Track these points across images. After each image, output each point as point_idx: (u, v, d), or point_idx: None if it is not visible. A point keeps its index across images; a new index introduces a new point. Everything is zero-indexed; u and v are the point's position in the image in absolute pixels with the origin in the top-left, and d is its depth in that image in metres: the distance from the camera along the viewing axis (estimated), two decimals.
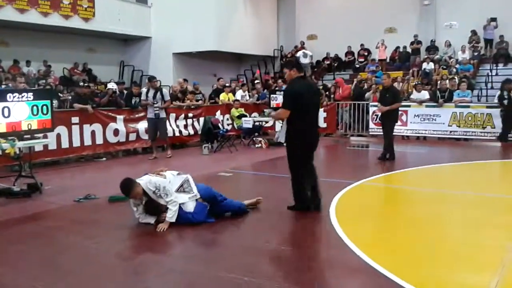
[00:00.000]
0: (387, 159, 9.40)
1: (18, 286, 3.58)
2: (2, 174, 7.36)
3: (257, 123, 12.85)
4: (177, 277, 3.82)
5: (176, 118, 12.10)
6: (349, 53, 20.55)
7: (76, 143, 9.69)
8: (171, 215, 4.96)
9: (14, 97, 6.55)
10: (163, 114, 10.19)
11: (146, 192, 5.00)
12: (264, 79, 19.48)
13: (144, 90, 10.58)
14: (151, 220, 5.09)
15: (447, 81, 14.07)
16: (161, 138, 10.40)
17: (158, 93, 10.05)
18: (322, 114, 14.20)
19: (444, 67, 17.31)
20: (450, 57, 17.91)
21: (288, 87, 5.61)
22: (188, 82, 14.32)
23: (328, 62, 20.77)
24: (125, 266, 4.09)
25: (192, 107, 12.57)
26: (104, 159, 10.36)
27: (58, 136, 9.23)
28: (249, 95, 14.98)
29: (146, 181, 5.02)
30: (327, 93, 15.20)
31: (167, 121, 11.00)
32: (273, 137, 13.16)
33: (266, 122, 13.86)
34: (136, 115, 10.98)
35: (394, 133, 9.82)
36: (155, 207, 5.06)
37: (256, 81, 17.27)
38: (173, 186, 5.15)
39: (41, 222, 5.47)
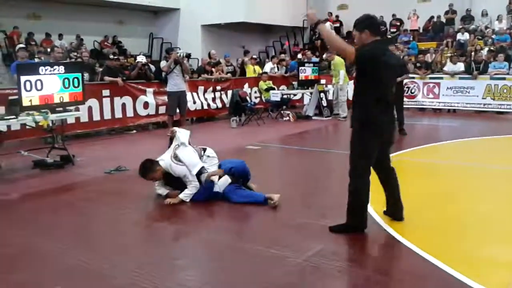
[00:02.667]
0: None
1: (51, 253, 3.71)
2: (36, 146, 7.54)
3: (285, 96, 12.77)
4: (203, 247, 3.90)
5: (205, 91, 12.12)
6: (381, 23, 19.99)
7: (107, 115, 9.84)
8: (186, 195, 4.93)
9: (46, 70, 6.66)
10: (184, 87, 9.78)
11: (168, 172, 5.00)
12: (293, 51, 19.22)
13: (164, 62, 10.03)
14: (164, 192, 5.13)
15: (483, 51, 13.59)
16: (182, 113, 9.70)
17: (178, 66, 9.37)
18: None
19: (480, 37, 16.71)
20: (486, 27, 17.25)
21: (361, 50, 3.82)
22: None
23: None
24: (153, 236, 4.19)
25: (222, 79, 12.59)
26: (134, 131, 10.51)
27: (90, 108, 9.38)
28: (277, 67, 14.84)
29: (167, 165, 4.96)
30: None
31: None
32: (301, 110, 13.11)
33: (295, 95, 13.78)
34: (166, 88, 11.01)
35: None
36: (174, 180, 5.07)
37: (282, 54, 16.96)
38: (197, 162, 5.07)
39: (74, 193, 5.63)
